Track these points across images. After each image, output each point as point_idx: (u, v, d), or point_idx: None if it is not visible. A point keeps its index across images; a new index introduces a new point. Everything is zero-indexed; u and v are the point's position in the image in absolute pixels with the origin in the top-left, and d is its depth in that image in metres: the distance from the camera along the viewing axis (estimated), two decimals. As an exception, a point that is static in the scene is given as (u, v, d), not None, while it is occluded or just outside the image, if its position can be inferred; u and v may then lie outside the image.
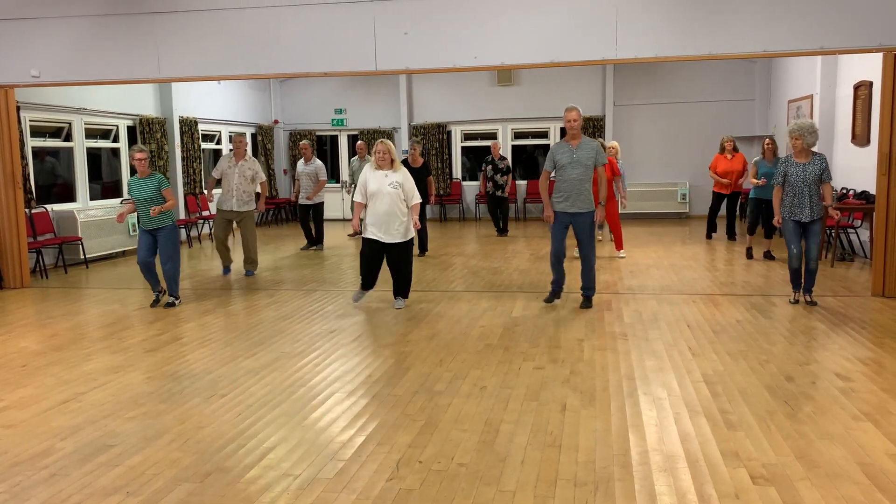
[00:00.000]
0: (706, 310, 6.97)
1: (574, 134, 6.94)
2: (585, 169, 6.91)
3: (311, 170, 11.82)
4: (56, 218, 10.64)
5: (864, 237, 9.79)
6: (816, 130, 6.87)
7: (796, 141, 6.88)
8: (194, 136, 14.11)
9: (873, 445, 3.75)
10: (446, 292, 8.12)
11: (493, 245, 12.15)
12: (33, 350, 6.06)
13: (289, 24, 8.14)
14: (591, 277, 7.18)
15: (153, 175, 7.52)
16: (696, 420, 4.15)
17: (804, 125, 6.84)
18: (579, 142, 6.93)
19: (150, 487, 3.46)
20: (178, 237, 7.77)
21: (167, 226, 7.59)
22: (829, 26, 7.25)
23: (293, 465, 3.68)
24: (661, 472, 3.48)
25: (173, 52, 8.39)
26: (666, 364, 5.25)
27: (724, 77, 15.65)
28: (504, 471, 3.54)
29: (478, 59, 7.93)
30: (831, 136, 11.37)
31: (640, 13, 7.60)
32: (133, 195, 7.50)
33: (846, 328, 6.17)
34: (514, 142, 16.96)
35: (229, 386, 4.98)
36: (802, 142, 6.84)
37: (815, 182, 6.88)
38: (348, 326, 6.65)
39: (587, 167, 6.91)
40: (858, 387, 4.66)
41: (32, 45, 8.60)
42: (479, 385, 4.87)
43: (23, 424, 4.35)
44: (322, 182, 11.80)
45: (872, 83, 9.72)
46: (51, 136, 11.14)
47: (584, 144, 6.93)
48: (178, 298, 7.75)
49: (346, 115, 17.51)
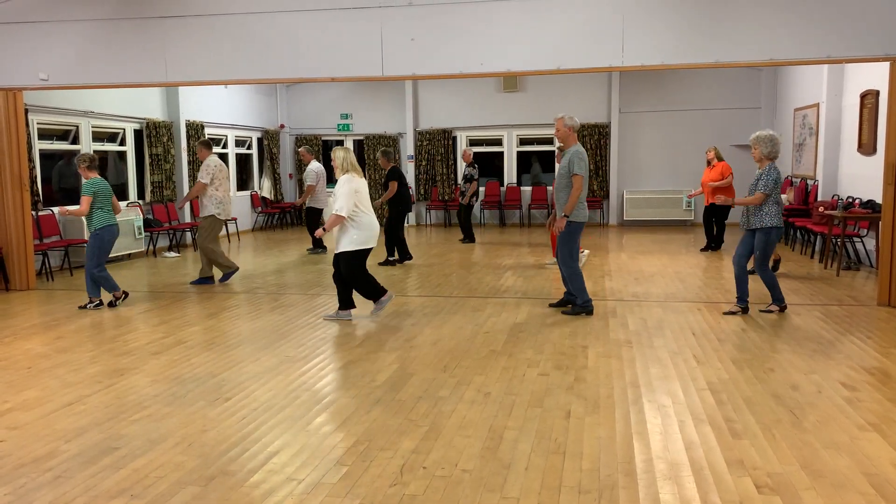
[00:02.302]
0: (711, 318, 6.95)
1: (560, 143, 7.10)
2: (561, 178, 6.97)
3: (305, 174, 12.19)
4: (62, 220, 10.68)
5: (870, 246, 9.76)
6: (771, 142, 6.84)
7: (753, 150, 6.99)
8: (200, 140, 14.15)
9: (879, 455, 3.73)
10: (450, 298, 8.12)
11: (493, 251, 12.14)
12: (38, 352, 6.08)
13: (296, 29, 8.17)
14: (572, 285, 7.11)
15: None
16: (701, 428, 4.14)
17: (759, 136, 6.96)
18: (565, 150, 7.04)
19: (154, 490, 3.46)
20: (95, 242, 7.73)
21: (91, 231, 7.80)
22: (836, 35, 7.25)
23: (297, 469, 3.68)
24: (665, 480, 3.47)
25: (181, 56, 8.43)
26: (671, 372, 5.24)
27: (730, 85, 15.64)
28: (508, 477, 3.53)
29: (484, 65, 7.95)
30: (837, 144, 11.35)
31: (647, 21, 7.61)
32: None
33: (852, 337, 6.14)
34: (520, 148, 16.97)
35: (233, 390, 4.98)
36: (758, 152, 6.91)
37: (753, 188, 6.92)
38: (352, 331, 6.65)
39: (562, 175, 6.96)
40: (864, 396, 4.64)
41: (41, 49, 8.64)
42: (483, 391, 4.86)
43: (27, 426, 4.35)
44: (308, 186, 11.94)
45: (879, 92, 9.70)
46: (58, 138, 11.18)
47: (566, 153, 6.97)
48: (90, 302, 7.87)
49: (351, 121, 17.55)
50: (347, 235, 6.88)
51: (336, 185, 6.92)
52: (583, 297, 7.12)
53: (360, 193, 6.90)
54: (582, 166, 6.82)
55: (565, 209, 6.88)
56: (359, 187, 6.91)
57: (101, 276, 7.81)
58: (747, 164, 15.77)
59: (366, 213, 6.93)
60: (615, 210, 16.39)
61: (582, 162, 6.83)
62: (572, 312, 7.14)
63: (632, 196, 16.17)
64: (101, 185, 7.75)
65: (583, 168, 6.82)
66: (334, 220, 6.82)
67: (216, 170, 9.12)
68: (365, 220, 6.91)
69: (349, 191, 6.78)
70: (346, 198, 6.77)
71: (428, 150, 16.95)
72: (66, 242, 10.31)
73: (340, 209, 6.76)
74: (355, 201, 6.85)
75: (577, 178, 6.82)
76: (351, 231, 6.87)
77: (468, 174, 12.94)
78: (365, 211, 6.93)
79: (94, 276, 7.78)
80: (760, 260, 6.98)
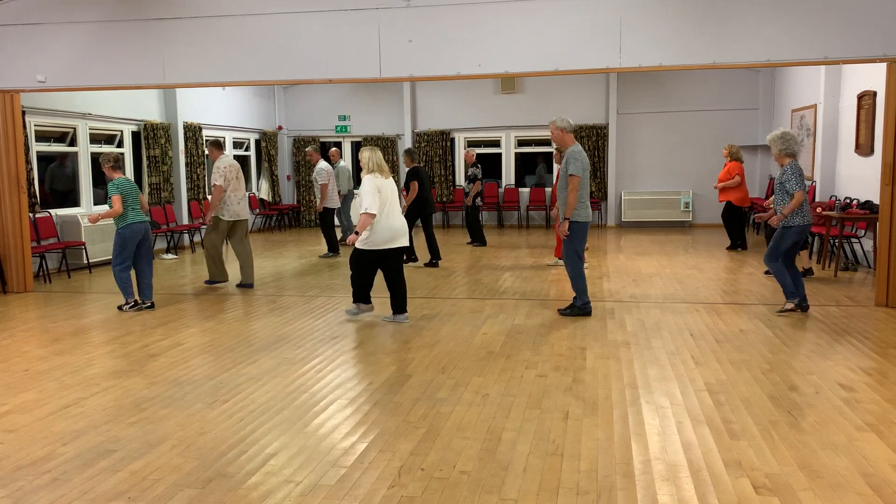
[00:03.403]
0: (709, 319, 6.95)
1: (557, 146, 7.30)
2: (562, 178, 7.01)
3: (315, 174, 11.75)
4: (60, 222, 10.67)
5: (868, 247, 9.77)
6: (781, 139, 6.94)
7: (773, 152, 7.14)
8: (198, 142, 14.15)
9: (877, 456, 3.73)
10: (448, 300, 8.12)
11: (491, 252, 12.14)
12: (36, 354, 6.07)
13: (294, 31, 8.17)
14: (574, 285, 7.14)
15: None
16: (699, 429, 4.14)
17: (770, 136, 7.10)
18: (563, 152, 7.09)
19: (151, 493, 3.45)
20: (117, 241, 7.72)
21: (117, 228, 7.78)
22: (833, 36, 7.26)
23: (295, 471, 3.68)
24: (663, 482, 3.47)
25: (178, 57, 8.43)
26: (669, 373, 5.24)
27: (728, 86, 15.66)
28: (506, 479, 3.53)
29: (482, 66, 7.95)
30: (835, 145, 11.36)
31: (645, 22, 7.62)
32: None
33: (849, 338, 6.15)
34: (518, 149, 16.98)
35: (231, 392, 4.98)
36: (774, 152, 7.06)
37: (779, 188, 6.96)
38: (350, 333, 6.65)
39: (562, 176, 6.99)
40: (862, 397, 4.65)
41: (38, 51, 8.64)
42: (481, 393, 4.86)
43: (25, 429, 4.35)
44: (322, 185, 11.58)
45: (876, 93, 9.72)
46: (56, 140, 11.17)
47: (565, 154, 7.01)
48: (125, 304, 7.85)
49: (349, 122, 17.55)
50: (368, 235, 6.80)
51: (360, 185, 6.89)
52: (582, 298, 7.14)
53: (381, 193, 6.76)
54: (578, 167, 6.80)
55: (564, 212, 6.90)
56: (381, 186, 6.77)
57: (120, 277, 7.73)
58: (746, 165, 15.83)
59: (384, 216, 6.79)
60: (613, 211, 16.39)
61: (577, 162, 6.81)
62: (571, 314, 7.15)
63: (630, 197, 16.18)
64: (126, 184, 7.72)
65: (579, 168, 6.80)
66: (364, 220, 6.70)
67: (227, 171, 8.92)
68: (384, 222, 6.78)
69: (373, 188, 6.68)
70: (372, 195, 6.67)
71: (426, 152, 16.95)
72: (64, 245, 10.30)
73: (369, 208, 6.66)
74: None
75: (573, 179, 6.81)
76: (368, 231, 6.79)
77: (472, 174, 12.72)
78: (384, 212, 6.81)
79: (115, 275, 7.74)
80: (771, 250, 7.00)
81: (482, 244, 12.95)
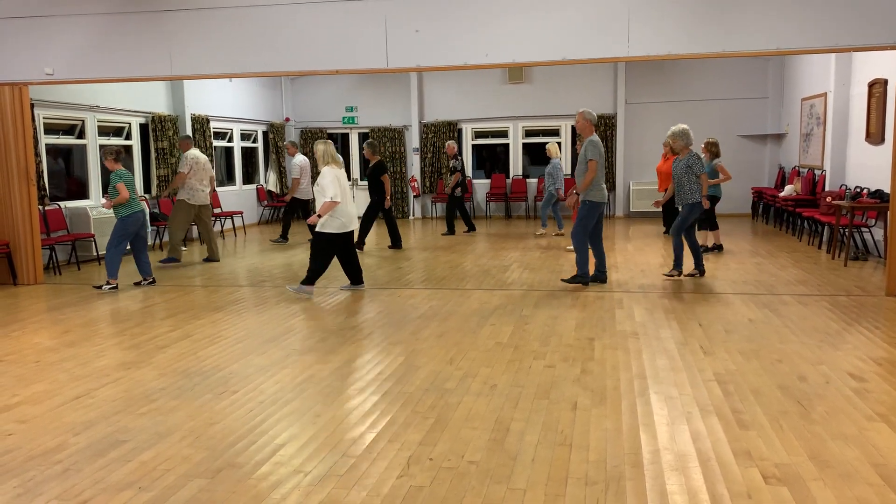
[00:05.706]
0: (718, 308, 6.93)
1: (579, 133, 8.19)
2: (580, 163, 8.01)
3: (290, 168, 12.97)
4: (69, 215, 10.71)
5: (879, 236, 9.70)
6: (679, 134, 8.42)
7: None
8: (206, 134, 14.17)
9: (887, 446, 3.72)
10: (455, 290, 8.12)
11: (498, 243, 12.13)
12: (46, 346, 6.11)
13: (300, 21, 8.15)
14: (577, 256, 8.04)
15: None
16: (708, 419, 4.13)
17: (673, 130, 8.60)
18: (583, 140, 8.08)
19: (161, 483, 3.47)
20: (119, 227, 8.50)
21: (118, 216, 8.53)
22: (843, 23, 7.19)
23: (304, 461, 3.69)
24: (672, 472, 3.47)
25: (186, 49, 8.42)
26: (678, 363, 5.23)
27: (737, 75, 15.55)
28: (515, 469, 3.54)
29: (489, 56, 7.92)
30: (845, 134, 11.28)
31: (652, 11, 7.56)
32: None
33: (860, 327, 6.12)
34: (526, 139, 16.93)
35: (240, 383, 5.00)
36: (676, 144, 8.47)
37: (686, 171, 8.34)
38: (358, 323, 6.66)
39: (581, 161, 8.01)
40: (872, 387, 4.63)
41: (46, 43, 8.65)
42: (489, 383, 4.86)
43: (36, 420, 4.38)
44: (294, 179, 12.66)
45: (887, 81, 9.63)
46: (64, 133, 11.20)
47: (584, 142, 8.00)
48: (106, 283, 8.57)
49: (356, 113, 17.53)
50: (329, 220, 7.67)
51: (319, 176, 7.65)
52: (582, 269, 8.03)
53: (340, 181, 7.64)
54: (595, 152, 7.83)
55: (578, 188, 7.99)
56: (339, 176, 7.68)
57: (110, 257, 8.46)
58: (755, 154, 15.75)
59: (343, 203, 7.66)
60: (621, 201, 16.34)
61: (595, 148, 7.85)
62: (571, 281, 8.08)
63: (638, 187, 16.12)
64: (126, 175, 8.48)
65: (596, 154, 7.82)
66: (328, 206, 7.56)
67: (193, 161, 10.42)
68: (341, 207, 7.66)
69: (333, 178, 7.57)
70: (333, 185, 7.54)
71: (433, 143, 16.92)
72: (74, 237, 10.34)
73: (334, 196, 7.54)
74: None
75: (592, 163, 7.84)
76: (329, 217, 7.64)
77: (452, 166, 13.39)
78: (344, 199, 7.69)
79: (108, 255, 8.45)
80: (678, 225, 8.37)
81: (452, 233, 13.53)
